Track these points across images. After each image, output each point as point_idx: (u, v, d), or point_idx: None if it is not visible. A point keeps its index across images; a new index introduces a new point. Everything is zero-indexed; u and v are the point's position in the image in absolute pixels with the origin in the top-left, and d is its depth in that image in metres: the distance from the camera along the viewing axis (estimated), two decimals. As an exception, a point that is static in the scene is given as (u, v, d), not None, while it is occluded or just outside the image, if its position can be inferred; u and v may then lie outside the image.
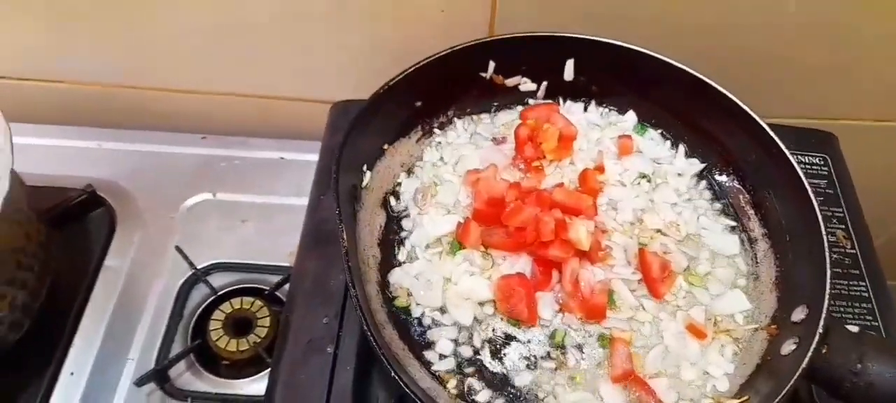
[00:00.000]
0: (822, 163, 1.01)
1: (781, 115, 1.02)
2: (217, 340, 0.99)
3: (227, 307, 1.03)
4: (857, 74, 1.13)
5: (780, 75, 1.12)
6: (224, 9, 1.08)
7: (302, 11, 1.08)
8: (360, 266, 0.80)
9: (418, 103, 0.93)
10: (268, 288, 1.06)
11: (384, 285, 0.83)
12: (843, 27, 1.06)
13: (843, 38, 1.07)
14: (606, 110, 0.99)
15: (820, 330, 0.70)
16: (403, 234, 0.88)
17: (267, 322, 1.01)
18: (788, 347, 0.74)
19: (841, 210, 0.96)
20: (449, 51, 0.89)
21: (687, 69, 0.90)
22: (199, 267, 1.07)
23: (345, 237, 0.73)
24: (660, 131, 0.97)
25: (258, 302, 1.03)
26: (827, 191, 0.98)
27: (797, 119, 1.10)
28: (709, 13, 1.04)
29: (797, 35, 1.07)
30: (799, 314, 0.76)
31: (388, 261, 0.85)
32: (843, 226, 0.95)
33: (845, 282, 0.90)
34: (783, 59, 1.10)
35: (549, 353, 0.79)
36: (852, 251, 0.93)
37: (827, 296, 0.72)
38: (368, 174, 0.88)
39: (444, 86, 0.94)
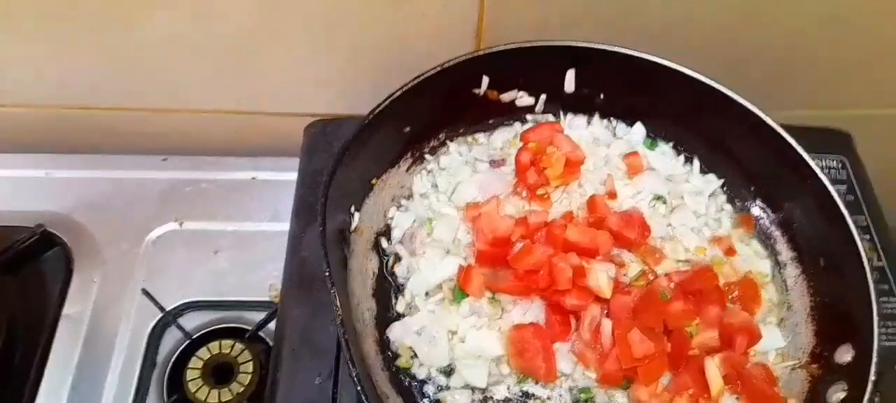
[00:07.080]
0: (840, 166, 0.94)
1: (790, 107, 0.95)
2: (196, 392, 0.92)
3: (204, 352, 0.95)
4: (873, 66, 1.06)
5: (793, 70, 1.05)
6: (198, 19, 0.98)
7: (281, 23, 0.98)
8: (355, 324, 0.72)
9: (407, 128, 0.85)
10: (249, 328, 0.97)
11: (383, 343, 0.76)
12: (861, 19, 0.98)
13: (860, 31, 1.00)
14: (612, 123, 0.91)
15: (873, 377, 0.64)
16: (400, 281, 0.80)
17: (249, 367, 0.93)
18: (837, 394, 0.68)
19: (864, 218, 0.90)
20: (439, 68, 0.81)
21: (700, 77, 0.83)
22: (169, 308, 0.98)
23: (338, 303, 0.64)
24: (671, 144, 0.90)
25: (239, 345, 0.95)
26: (847, 197, 0.92)
27: (807, 110, 1.04)
28: (721, 10, 0.96)
29: (814, 29, 1.00)
30: (844, 354, 0.71)
31: (386, 314, 0.78)
32: (868, 236, 0.89)
33: (875, 299, 0.84)
34: (798, 54, 1.02)
35: (574, 411, 0.73)
36: (879, 263, 0.87)
37: (876, 337, 0.66)
38: (357, 215, 0.80)
39: (434, 108, 0.86)
